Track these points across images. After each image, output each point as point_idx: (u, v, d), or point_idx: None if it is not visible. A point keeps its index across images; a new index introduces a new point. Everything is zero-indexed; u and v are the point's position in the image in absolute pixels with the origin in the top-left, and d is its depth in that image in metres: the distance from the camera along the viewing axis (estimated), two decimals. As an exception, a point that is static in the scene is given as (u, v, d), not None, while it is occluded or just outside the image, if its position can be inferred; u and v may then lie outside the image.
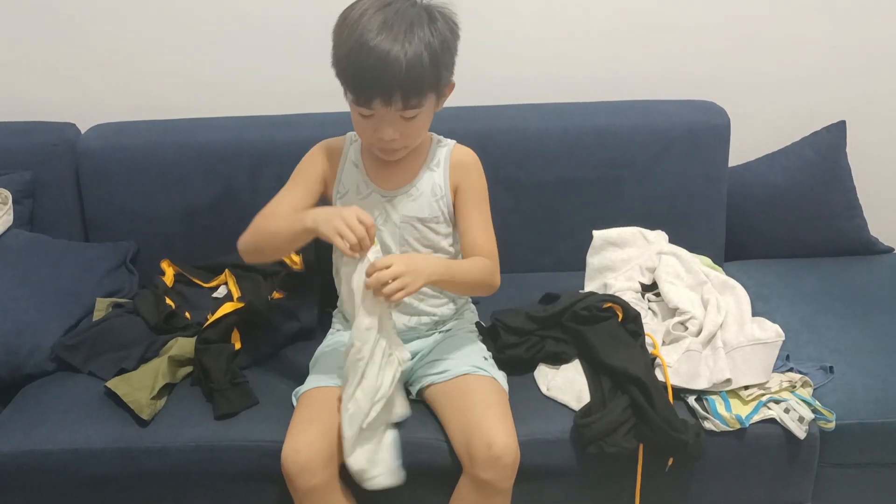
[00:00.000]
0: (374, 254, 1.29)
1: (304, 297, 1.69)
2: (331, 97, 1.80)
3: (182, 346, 1.56)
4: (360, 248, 1.26)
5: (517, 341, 1.52)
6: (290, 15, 1.91)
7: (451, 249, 1.52)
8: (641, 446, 1.38)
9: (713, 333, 1.51)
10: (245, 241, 1.43)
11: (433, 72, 1.30)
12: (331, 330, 1.61)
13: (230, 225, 1.85)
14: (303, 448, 1.30)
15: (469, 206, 1.48)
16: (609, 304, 1.54)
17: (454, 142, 1.52)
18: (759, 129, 2.00)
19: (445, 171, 1.48)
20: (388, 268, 1.26)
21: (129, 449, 1.42)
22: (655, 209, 1.87)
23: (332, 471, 1.32)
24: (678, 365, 1.47)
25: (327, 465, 1.31)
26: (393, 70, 1.25)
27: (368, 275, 1.27)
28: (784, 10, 1.93)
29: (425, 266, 1.33)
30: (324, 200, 1.52)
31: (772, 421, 1.41)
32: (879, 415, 1.44)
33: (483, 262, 1.44)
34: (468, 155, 1.50)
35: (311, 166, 1.50)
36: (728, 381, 1.43)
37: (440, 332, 1.55)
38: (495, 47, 1.93)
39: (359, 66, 1.27)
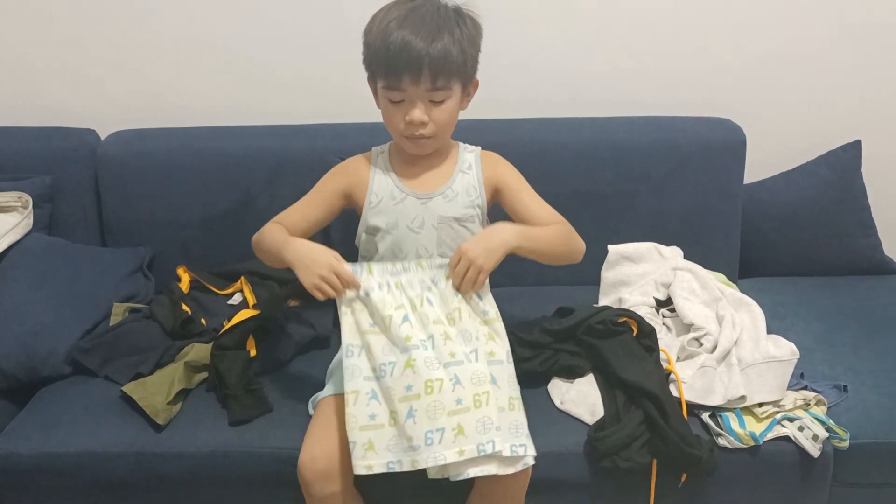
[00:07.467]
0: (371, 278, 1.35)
1: (319, 305, 1.69)
2: (347, 108, 1.83)
3: (198, 351, 1.58)
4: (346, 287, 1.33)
5: (531, 354, 1.52)
6: (306, 24, 1.93)
7: None
8: (655, 461, 1.38)
9: (728, 350, 1.51)
10: (255, 240, 1.51)
11: (459, 54, 1.35)
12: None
13: (247, 232, 1.86)
14: (319, 456, 1.30)
15: (519, 194, 1.51)
16: (624, 319, 1.54)
17: (479, 148, 1.56)
18: (775, 147, 2.00)
19: (478, 173, 1.51)
20: (459, 262, 1.34)
21: (144, 453, 1.43)
22: (670, 225, 1.87)
23: (348, 479, 1.32)
24: (693, 381, 1.47)
25: (344, 473, 1.31)
26: (420, 45, 1.31)
27: (448, 277, 1.35)
28: (801, 28, 1.94)
29: (495, 237, 1.37)
30: (352, 214, 1.53)
31: (786, 439, 1.41)
32: (894, 434, 1.44)
33: (555, 227, 1.47)
34: (496, 155, 1.56)
35: (331, 183, 1.52)
36: (742, 397, 1.43)
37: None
38: (512, 62, 1.94)
39: (387, 47, 1.32)
